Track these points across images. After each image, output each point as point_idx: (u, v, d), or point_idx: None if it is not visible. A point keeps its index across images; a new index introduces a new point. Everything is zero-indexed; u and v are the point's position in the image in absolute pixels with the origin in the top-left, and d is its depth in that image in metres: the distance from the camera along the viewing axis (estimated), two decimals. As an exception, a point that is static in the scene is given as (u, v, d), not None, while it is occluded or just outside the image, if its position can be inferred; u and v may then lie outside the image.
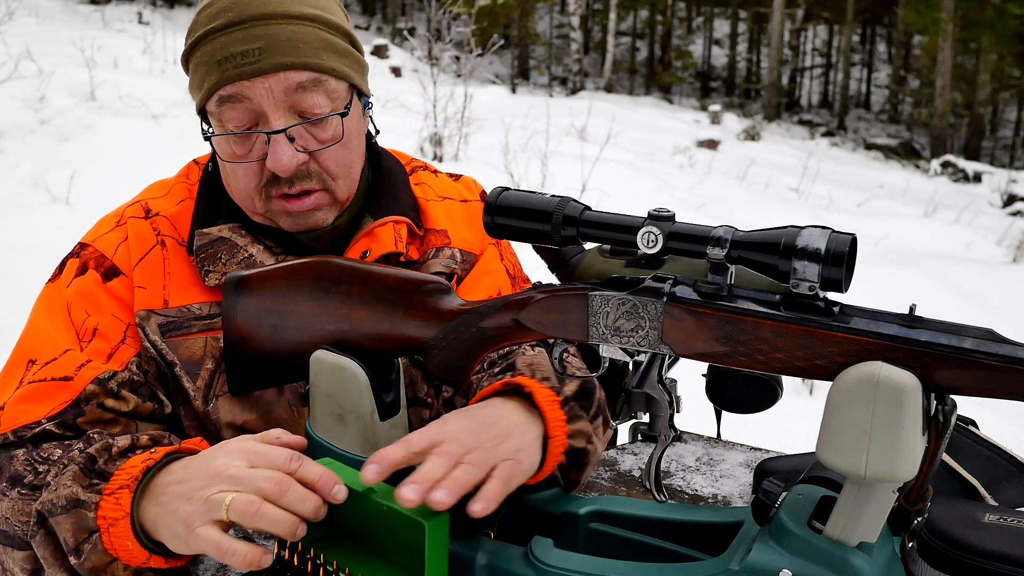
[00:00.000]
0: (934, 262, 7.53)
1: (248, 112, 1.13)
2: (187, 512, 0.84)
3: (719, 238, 0.81)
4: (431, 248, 1.29)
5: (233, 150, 1.16)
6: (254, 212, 1.21)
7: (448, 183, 1.40)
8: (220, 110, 1.14)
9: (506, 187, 0.91)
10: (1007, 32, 23.54)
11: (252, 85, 1.11)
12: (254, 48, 1.11)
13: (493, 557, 0.89)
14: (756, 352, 0.80)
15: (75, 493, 0.90)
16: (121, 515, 0.88)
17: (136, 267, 1.19)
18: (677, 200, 8.52)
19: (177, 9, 22.80)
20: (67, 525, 0.89)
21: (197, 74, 1.16)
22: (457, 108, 8.60)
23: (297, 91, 1.13)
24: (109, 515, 0.88)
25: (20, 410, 1.08)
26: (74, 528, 0.89)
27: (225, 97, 1.13)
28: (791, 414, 3.95)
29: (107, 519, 0.88)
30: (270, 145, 1.13)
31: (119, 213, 1.26)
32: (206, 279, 1.18)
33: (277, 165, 1.13)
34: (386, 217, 1.25)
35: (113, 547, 0.89)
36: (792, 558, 0.80)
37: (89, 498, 0.90)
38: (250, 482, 0.83)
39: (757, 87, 31.47)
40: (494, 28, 21.64)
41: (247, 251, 1.19)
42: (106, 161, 6.97)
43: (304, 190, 1.17)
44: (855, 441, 0.75)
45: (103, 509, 0.89)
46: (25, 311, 1.23)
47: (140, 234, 1.21)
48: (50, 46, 9.55)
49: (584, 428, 1.07)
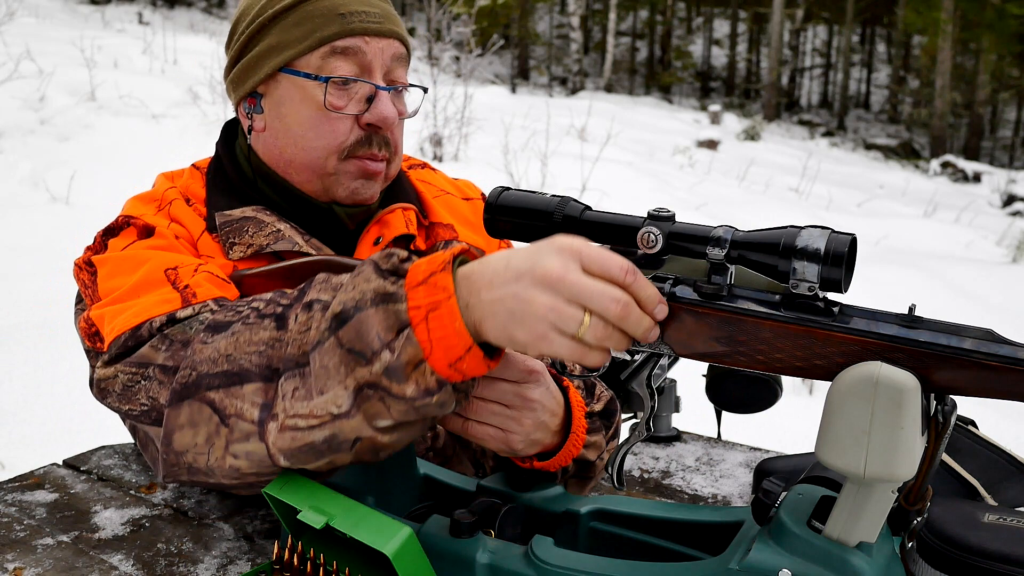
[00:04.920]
0: (934, 262, 7.54)
1: (356, 67, 1.20)
2: (535, 316, 0.77)
3: (719, 238, 0.81)
4: (440, 240, 1.31)
5: (333, 100, 1.20)
6: (319, 174, 1.22)
7: (447, 180, 1.44)
8: (327, 60, 1.19)
9: (506, 187, 0.92)
10: (1007, 32, 23.54)
11: (371, 42, 1.20)
12: (374, 12, 1.22)
13: (494, 556, 0.89)
14: (756, 352, 0.80)
15: (383, 287, 0.80)
16: (444, 296, 0.78)
17: (198, 241, 1.20)
18: (677, 200, 8.52)
19: (177, 9, 22.80)
20: (377, 319, 0.79)
21: (300, 26, 1.20)
22: (457, 108, 8.61)
23: (395, 60, 1.24)
24: (424, 302, 0.79)
25: (210, 289, 1.04)
26: (386, 321, 0.79)
27: (340, 48, 1.19)
28: (791, 414, 3.95)
29: (421, 307, 0.79)
30: (375, 100, 1.21)
31: (155, 198, 1.25)
32: (230, 252, 1.18)
33: (384, 116, 1.20)
34: (393, 205, 1.28)
35: (430, 338, 0.78)
36: (792, 558, 0.80)
37: (398, 291, 0.80)
38: (599, 301, 0.77)
39: (757, 87, 31.47)
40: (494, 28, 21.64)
41: (275, 226, 1.20)
42: (106, 161, 6.98)
43: (383, 156, 1.24)
44: (854, 441, 0.75)
45: (413, 299, 0.79)
46: (25, 311, 1.23)
47: (189, 216, 1.22)
48: (50, 46, 9.56)
49: (599, 442, 1.10)
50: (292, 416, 0.84)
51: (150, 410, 0.97)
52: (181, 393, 0.91)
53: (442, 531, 0.90)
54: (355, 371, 0.80)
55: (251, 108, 1.25)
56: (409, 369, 0.79)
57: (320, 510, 0.87)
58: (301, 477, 0.91)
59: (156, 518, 1.18)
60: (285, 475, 0.90)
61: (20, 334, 4.17)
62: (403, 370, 0.78)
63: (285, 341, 0.86)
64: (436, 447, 1.25)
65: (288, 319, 0.87)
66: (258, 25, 1.22)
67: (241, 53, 1.25)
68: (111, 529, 1.15)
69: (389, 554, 0.82)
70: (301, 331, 0.85)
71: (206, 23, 18.95)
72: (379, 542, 0.83)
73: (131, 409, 0.99)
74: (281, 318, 0.87)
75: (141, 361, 0.98)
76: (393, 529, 0.84)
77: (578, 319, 0.77)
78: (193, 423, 0.90)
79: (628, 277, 0.78)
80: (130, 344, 0.99)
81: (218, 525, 1.16)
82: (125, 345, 1.00)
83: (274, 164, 1.24)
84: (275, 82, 1.22)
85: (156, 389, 0.96)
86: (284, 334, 0.86)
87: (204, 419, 0.89)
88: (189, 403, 0.90)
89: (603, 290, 0.77)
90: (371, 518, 0.86)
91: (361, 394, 0.81)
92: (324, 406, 0.82)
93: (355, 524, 0.85)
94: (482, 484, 1.01)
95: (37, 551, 1.08)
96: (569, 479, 1.11)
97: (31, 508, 1.20)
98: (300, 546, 0.91)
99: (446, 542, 0.89)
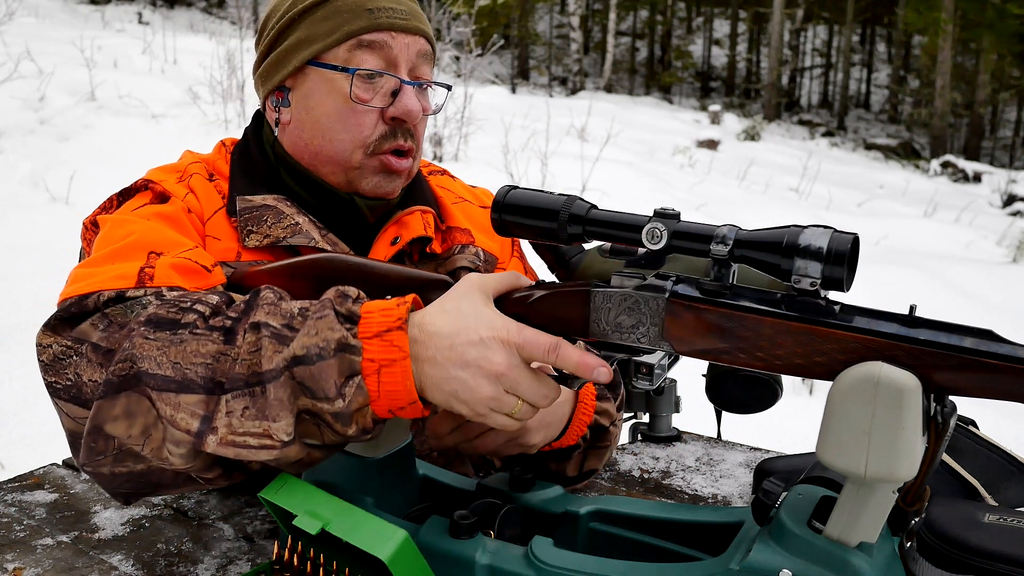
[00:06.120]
0: (934, 262, 7.54)
1: (383, 61, 1.22)
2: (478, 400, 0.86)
3: (723, 236, 0.81)
4: (456, 244, 1.32)
5: (359, 93, 1.21)
6: (344, 167, 1.23)
7: (465, 187, 1.46)
8: (354, 54, 1.21)
9: (514, 185, 0.93)
10: (1007, 32, 23.55)
11: (398, 37, 1.23)
12: (401, 8, 1.24)
13: (493, 557, 0.89)
14: (756, 349, 0.81)
15: (345, 338, 0.85)
16: (400, 356, 0.85)
17: (208, 221, 1.21)
18: (677, 200, 8.53)
19: (177, 9, 22.81)
20: (334, 369, 0.85)
21: (329, 21, 1.22)
22: (457, 108, 8.61)
23: (420, 57, 1.26)
24: (379, 357, 0.85)
25: (171, 275, 1.04)
26: (340, 368, 0.85)
27: (367, 42, 1.21)
28: (791, 414, 3.96)
29: (375, 361, 0.85)
30: (400, 93, 1.23)
31: (178, 169, 1.25)
32: (246, 239, 1.19)
33: (408, 109, 1.22)
34: (413, 207, 1.30)
35: (380, 390, 0.85)
36: (792, 558, 0.80)
37: (357, 344, 0.85)
38: (531, 397, 0.87)
39: (757, 87, 31.47)
40: (494, 28, 21.64)
41: (294, 219, 1.21)
42: (106, 161, 6.97)
43: (408, 148, 1.25)
44: (855, 441, 0.75)
45: (368, 352, 0.85)
46: (25, 311, 1.23)
47: (207, 192, 1.23)
48: (50, 46, 9.56)
49: (610, 409, 1.14)
50: (241, 434, 0.87)
51: (72, 386, 0.95)
52: (118, 385, 0.90)
53: (441, 532, 0.90)
54: (299, 400, 0.86)
55: (279, 102, 1.27)
56: (355, 414, 0.85)
57: (316, 515, 0.87)
58: (297, 480, 0.91)
59: (156, 518, 1.18)
60: (282, 479, 0.91)
61: (20, 334, 4.17)
62: (350, 416, 0.85)
63: (232, 357, 0.88)
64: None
65: (236, 335, 0.89)
66: (287, 20, 1.24)
67: (271, 48, 1.27)
68: (111, 529, 1.15)
69: (385, 559, 0.82)
70: (250, 351, 0.87)
71: (206, 23, 18.95)
72: (375, 547, 0.83)
73: (55, 382, 0.97)
74: (229, 332, 0.89)
75: (77, 336, 0.96)
76: (389, 533, 0.84)
77: (512, 405, 0.87)
78: (130, 414, 0.90)
79: (551, 356, 0.87)
80: (73, 310, 0.98)
81: (218, 525, 1.16)
82: (68, 311, 0.98)
83: (300, 157, 1.26)
84: (303, 75, 1.24)
85: (84, 366, 0.94)
86: (231, 349, 0.88)
87: (143, 411, 0.89)
88: (127, 395, 0.90)
89: (537, 389, 0.87)
90: (367, 522, 0.86)
91: (299, 418, 0.86)
92: (276, 432, 0.86)
93: (351, 529, 0.85)
94: (481, 485, 1.01)
95: (37, 551, 1.08)
96: (587, 450, 1.14)
97: (31, 508, 1.20)
98: (300, 546, 0.91)
99: (445, 543, 0.89)
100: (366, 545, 0.83)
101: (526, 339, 0.86)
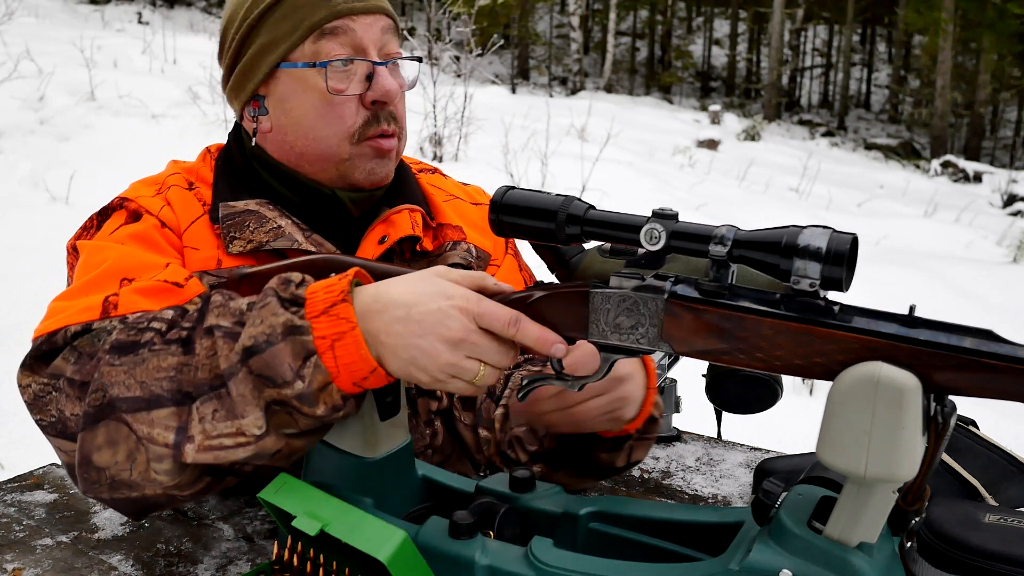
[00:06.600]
0: (934, 262, 7.54)
1: (350, 47, 1.22)
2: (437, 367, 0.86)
3: (722, 236, 0.81)
4: (448, 241, 1.31)
5: (335, 84, 1.21)
6: (334, 161, 1.22)
7: (457, 185, 1.45)
8: (319, 45, 1.21)
9: (511, 186, 0.92)
10: (1007, 32, 23.54)
11: (359, 20, 1.22)
12: None
13: (493, 557, 0.89)
14: (755, 350, 0.80)
15: (290, 320, 0.86)
16: (348, 328, 0.85)
17: (186, 232, 1.21)
18: (677, 200, 8.52)
19: (177, 9, 22.81)
20: (287, 352, 0.85)
21: (288, 19, 1.21)
22: (457, 108, 8.60)
23: (386, 34, 1.25)
24: (328, 332, 0.85)
25: (135, 300, 1.04)
26: (293, 351, 0.85)
27: (330, 30, 1.21)
28: (791, 414, 3.95)
29: (327, 337, 0.85)
30: (374, 75, 1.22)
31: (157, 182, 1.26)
32: (230, 246, 1.19)
33: (386, 89, 1.22)
34: (401, 205, 1.29)
35: (337, 364, 0.86)
36: (792, 558, 0.80)
37: (303, 324, 0.86)
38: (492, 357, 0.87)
39: (757, 87, 31.46)
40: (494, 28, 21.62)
41: (276, 222, 1.21)
42: (106, 161, 6.97)
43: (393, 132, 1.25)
44: (855, 441, 0.75)
45: (318, 330, 0.86)
46: (25, 311, 1.24)
47: (185, 202, 1.23)
48: (50, 46, 9.55)
49: (659, 400, 1.16)
50: (215, 437, 0.88)
51: (57, 422, 0.98)
52: (95, 416, 0.92)
53: (441, 532, 0.90)
54: (264, 392, 0.86)
55: (256, 111, 1.25)
56: (319, 393, 0.86)
57: (315, 515, 0.87)
58: (297, 481, 0.91)
59: (156, 518, 1.18)
60: (280, 480, 0.91)
61: (20, 334, 4.17)
62: (314, 396, 0.86)
63: (193, 366, 0.89)
64: (435, 445, 1.25)
65: (194, 343, 0.90)
66: (247, 28, 1.23)
67: (235, 59, 1.26)
68: (110, 529, 1.15)
69: (384, 560, 0.82)
70: (208, 355, 0.89)
71: (206, 23, 18.94)
72: (374, 547, 0.83)
73: (41, 419, 1.00)
74: (187, 342, 0.91)
75: (53, 372, 0.99)
76: (388, 534, 0.84)
77: (475, 370, 0.87)
78: (112, 442, 0.92)
79: (511, 329, 0.87)
80: (44, 348, 1.00)
81: (218, 525, 1.16)
82: (40, 349, 1.01)
83: (287, 159, 1.25)
84: (275, 80, 1.23)
85: (64, 401, 0.97)
86: (192, 359, 0.90)
87: (123, 437, 0.91)
88: (105, 423, 0.92)
89: (498, 349, 0.87)
90: (366, 523, 0.86)
91: (270, 410, 0.87)
92: (247, 428, 0.87)
93: (350, 529, 0.86)
94: (481, 485, 1.01)
95: (36, 551, 1.08)
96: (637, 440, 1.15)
97: (30, 508, 1.20)
98: (300, 546, 0.90)
99: (445, 543, 0.89)
100: (365, 546, 0.83)
101: (485, 310, 0.87)
